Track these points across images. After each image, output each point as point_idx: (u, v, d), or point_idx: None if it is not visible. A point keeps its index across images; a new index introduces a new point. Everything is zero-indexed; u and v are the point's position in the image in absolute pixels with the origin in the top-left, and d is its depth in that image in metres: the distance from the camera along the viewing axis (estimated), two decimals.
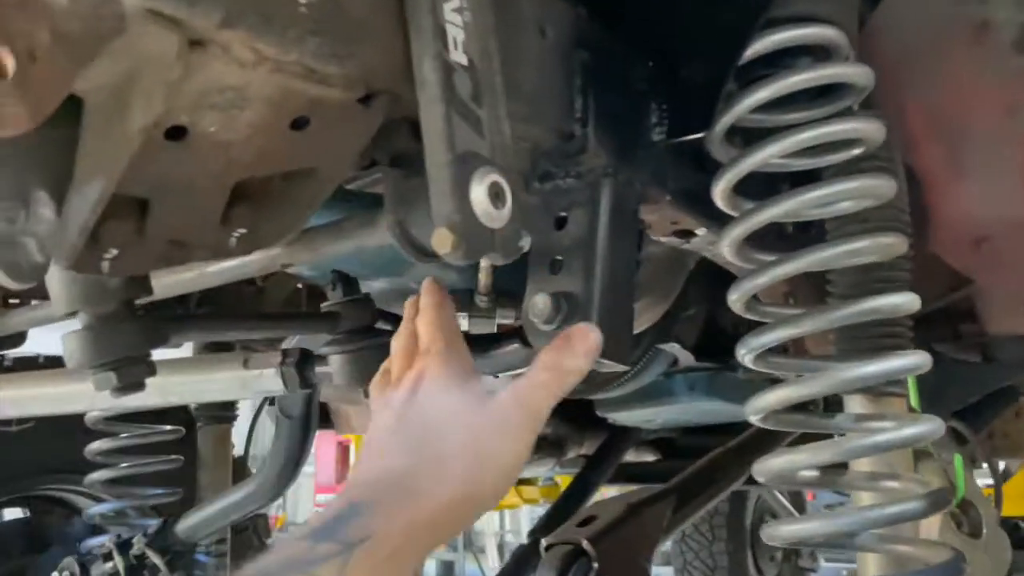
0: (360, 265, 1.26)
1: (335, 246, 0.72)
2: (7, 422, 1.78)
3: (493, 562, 7.48)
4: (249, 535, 1.97)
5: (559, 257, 0.78)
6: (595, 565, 0.97)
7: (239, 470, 2.01)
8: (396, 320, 1.02)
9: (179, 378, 0.84)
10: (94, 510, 1.60)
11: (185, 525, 1.33)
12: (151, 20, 0.45)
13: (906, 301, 0.81)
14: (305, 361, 0.84)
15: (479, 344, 1.20)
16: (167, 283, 0.73)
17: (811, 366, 0.87)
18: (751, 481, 1.60)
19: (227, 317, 1.05)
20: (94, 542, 1.50)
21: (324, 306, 0.87)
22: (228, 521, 1.37)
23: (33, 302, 1.52)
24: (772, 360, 0.87)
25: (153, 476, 1.69)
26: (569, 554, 0.99)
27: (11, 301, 1.48)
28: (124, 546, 1.33)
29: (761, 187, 0.91)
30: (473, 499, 0.60)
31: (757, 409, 0.82)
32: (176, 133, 0.53)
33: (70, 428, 1.78)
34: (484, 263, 1.24)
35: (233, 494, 1.29)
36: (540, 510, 7.23)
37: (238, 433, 2.10)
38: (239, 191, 0.60)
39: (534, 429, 0.63)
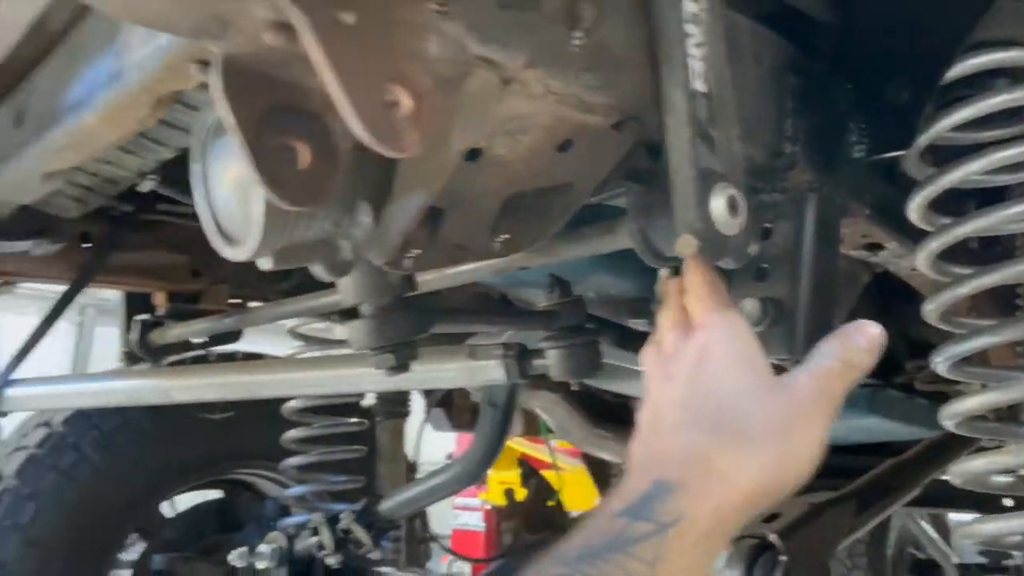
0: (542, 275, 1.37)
1: (574, 251, 0.82)
2: (211, 410, 1.99)
3: None
4: (415, 524, 2.11)
5: (764, 265, 0.85)
6: (782, 558, 1.01)
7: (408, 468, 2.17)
8: (596, 322, 1.12)
9: (415, 366, 0.96)
10: (291, 492, 1.77)
11: (388, 504, 1.47)
12: (480, 64, 0.56)
13: None
14: (524, 354, 0.95)
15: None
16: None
17: (1005, 376, 0.90)
18: (916, 502, 1.60)
19: (469, 311, 1.18)
20: (291, 521, 1.66)
21: (542, 305, 0.97)
22: (429, 502, 1.50)
23: (250, 304, 1.72)
24: (966, 369, 0.91)
25: (337, 464, 1.85)
26: (755, 547, 1.04)
27: (231, 301, 1.68)
28: (333, 521, 1.48)
29: (948, 204, 0.95)
30: (777, 486, 0.59)
31: (954, 414, 0.86)
32: (473, 155, 0.64)
33: (263, 417, 1.97)
34: (664, 272, 1.32)
35: (436, 477, 1.41)
36: None
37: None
38: (506, 202, 0.71)
39: (832, 418, 0.61)
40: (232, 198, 0.64)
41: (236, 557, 1.62)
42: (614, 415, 2.16)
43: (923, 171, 0.92)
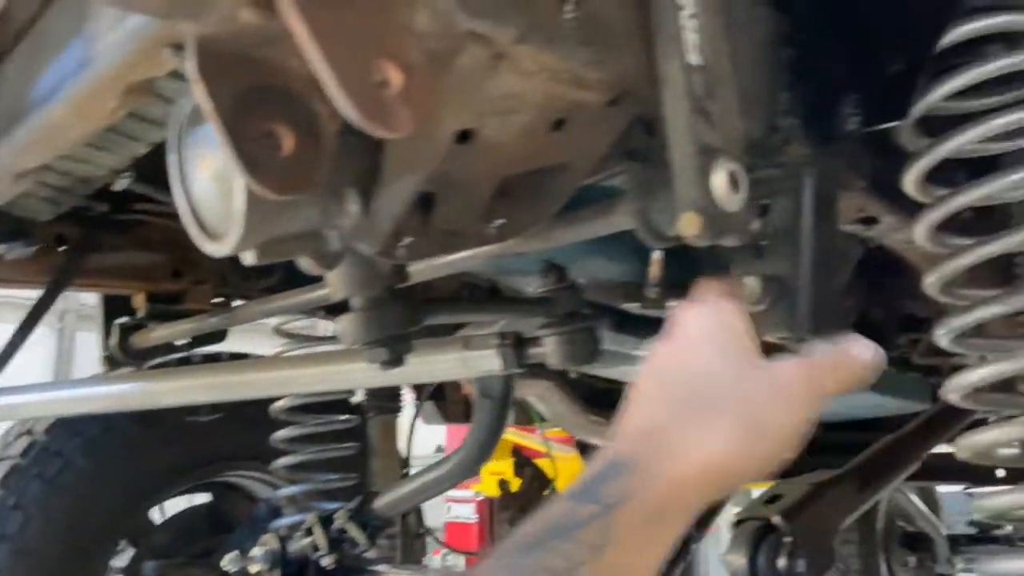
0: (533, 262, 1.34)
1: (571, 235, 0.79)
2: (198, 413, 1.95)
3: None
4: (411, 519, 2.09)
5: (763, 243, 0.83)
6: (787, 540, 1.00)
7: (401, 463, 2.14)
8: (593, 307, 1.09)
9: (407, 359, 0.93)
10: (283, 492, 1.74)
11: (384, 501, 1.44)
12: (470, 39, 0.53)
13: None
14: (521, 342, 0.92)
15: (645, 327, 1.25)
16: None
17: (1010, 346, 0.89)
18: (916, 475, 1.59)
19: (464, 301, 1.15)
20: (284, 522, 1.63)
21: (536, 292, 0.95)
22: (426, 498, 1.47)
23: (234, 303, 1.68)
24: (970, 341, 0.90)
25: (328, 463, 1.82)
26: (759, 530, 1.03)
27: (214, 301, 1.64)
28: (327, 521, 1.45)
29: (941, 175, 0.94)
30: (741, 464, 0.55)
31: (959, 387, 0.85)
32: (465, 137, 0.61)
33: (251, 418, 1.94)
34: (656, 255, 1.30)
35: (432, 472, 1.38)
36: None
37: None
38: (499, 185, 0.69)
39: (814, 408, 0.58)
40: (211, 190, 0.61)
41: (228, 561, 1.59)
42: (607, 401, 2.15)
43: (917, 142, 0.90)
